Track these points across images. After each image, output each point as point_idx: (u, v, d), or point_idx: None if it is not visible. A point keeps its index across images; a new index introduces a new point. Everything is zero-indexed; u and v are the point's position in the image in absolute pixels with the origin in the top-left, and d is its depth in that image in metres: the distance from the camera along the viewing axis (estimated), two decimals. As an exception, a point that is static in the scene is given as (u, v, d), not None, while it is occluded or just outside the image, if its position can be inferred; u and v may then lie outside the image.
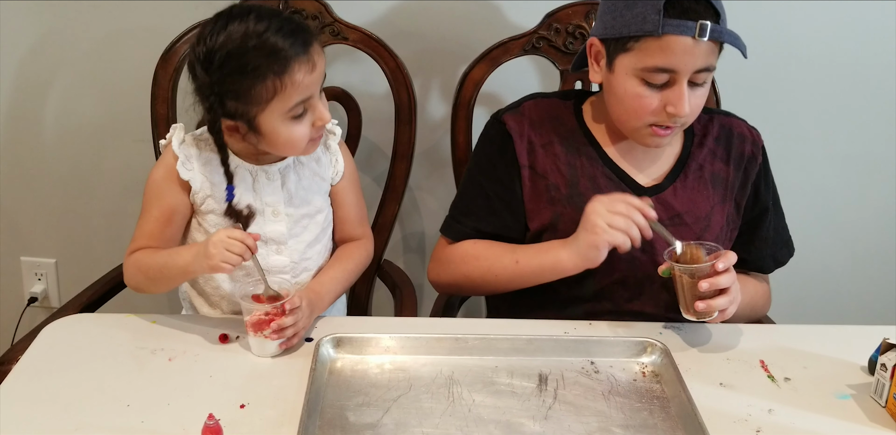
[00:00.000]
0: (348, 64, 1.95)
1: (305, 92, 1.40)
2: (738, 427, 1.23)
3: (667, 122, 1.43)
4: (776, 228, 1.62)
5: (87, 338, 1.40)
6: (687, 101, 1.40)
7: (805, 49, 1.97)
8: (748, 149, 1.57)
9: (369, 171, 2.06)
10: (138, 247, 1.49)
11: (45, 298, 2.34)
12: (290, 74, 1.36)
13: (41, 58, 2.07)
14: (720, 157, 1.56)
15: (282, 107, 1.39)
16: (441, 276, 1.61)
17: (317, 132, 1.46)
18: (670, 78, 1.40)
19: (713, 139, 1.56)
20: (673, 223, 1.51)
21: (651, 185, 1.53)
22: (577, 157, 1.53)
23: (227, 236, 1.34)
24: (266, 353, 1.36)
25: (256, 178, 1.51)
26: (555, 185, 1.53)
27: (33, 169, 2.20)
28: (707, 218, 1.52)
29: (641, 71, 1.40)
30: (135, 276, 1.49)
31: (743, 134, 1.58)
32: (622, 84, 1.43)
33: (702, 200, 1.53)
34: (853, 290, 2.21)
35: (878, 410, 1.28)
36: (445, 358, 1.37)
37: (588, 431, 1.21)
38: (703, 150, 1.56)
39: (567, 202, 1.51)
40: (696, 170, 1.54)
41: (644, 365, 1.37)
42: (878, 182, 2.11)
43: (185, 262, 1.41)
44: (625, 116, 1.46)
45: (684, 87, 1.40)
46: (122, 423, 1.20)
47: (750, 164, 1.56)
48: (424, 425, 1.21)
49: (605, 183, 1.52)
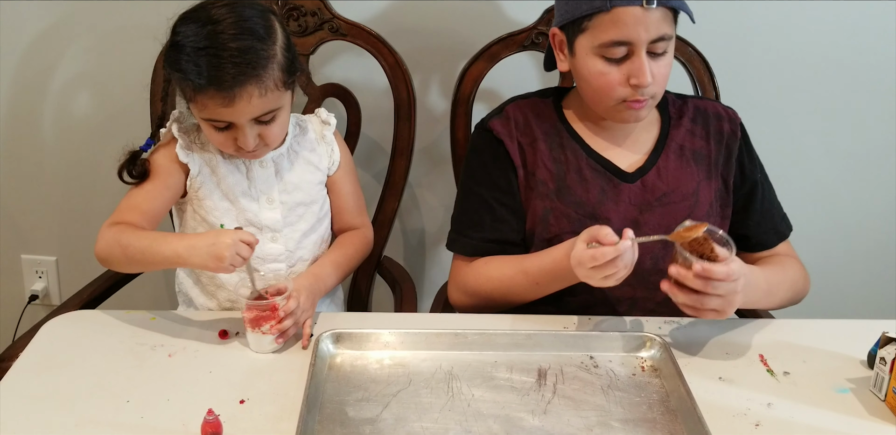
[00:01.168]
0: (347, 60, 1.95)
1: (221, 116, 1.41)
2: (738, 421, 1.23)
3: (635, 95, 1.45)
4: (770, 202, 1.63)
5: (87, 334, 1.41)
6: (648, 70, 1.41)
7: (805, 45, 1.97)
8: (726, 126, 1.58)
9: (369, 167, 2.06)
10: (121, 219, 1.48)
11: (45, 296, 2.34)
12: (203, 96, 1.39)
13: (40, 56, 2.07)
14: (699, 135, 1.57)
15: (198, 112, 1.43)
16: (462, 299, 1.59)
17: (243, 152, 1.47)
18: (628, 50, 1.41)
19: (689, 120, 1.58)
20: (661, 203, 1.53)
21: (635, 169, 1.55)
22: (561, 152, 1.55)
23: (240, 240, 1.34)
24: (263, 349, 1.37)
25: (250, 167, 1.54)
26: (542, 180, 1.54)
27: (33, 167, 2.20)
28: (695, 195, 1.54)
29: (599, 48, 1.42)
30: (111, 249, 1.45)
31: (719, 113, 1.59)
32: (585, 65, 1.45)
33: (686, 178, 1.54)
34: (852, 284, 2.21)
35: (878, 403, 1.28)
36: (445, 353, 1.37)
37: (587, 425, 1.22)
38: (680, 130, 1.57)
39: (555, 196, 1.53)
40: (677, 149, 1.56)
41: (643, 359, 1.37)
42: (878, 177, 2.10)
43: (175, 252, 1.37)
44: (595, 97, 1.48)
45: (643, 58, 1.41)
46: (121, 418, 1.20)
47: (730, 140, 1.58)
48: (424, 420, 1.22)
49: (590, 174, 1.53)
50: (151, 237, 1.43)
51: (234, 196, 1.54)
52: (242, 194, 1.54)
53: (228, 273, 1.37)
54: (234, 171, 1.54)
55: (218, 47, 1.37)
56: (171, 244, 1.39)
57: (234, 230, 1.37)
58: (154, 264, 1.44)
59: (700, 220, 1.46)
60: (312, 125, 1.63)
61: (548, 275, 1.47)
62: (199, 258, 1.35)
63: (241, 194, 1.54)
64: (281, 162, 1.57)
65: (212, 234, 1.40)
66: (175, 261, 1.39)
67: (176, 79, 1.42)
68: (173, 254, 1.37)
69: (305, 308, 1.41)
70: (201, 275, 1.60)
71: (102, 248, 1.46)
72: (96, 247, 1.46)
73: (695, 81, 1.79)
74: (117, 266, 1.48)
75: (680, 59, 1.78)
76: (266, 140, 1.46)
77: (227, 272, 1.36)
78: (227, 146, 1.47)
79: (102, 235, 1.46)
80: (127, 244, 1.43)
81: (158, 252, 1.40)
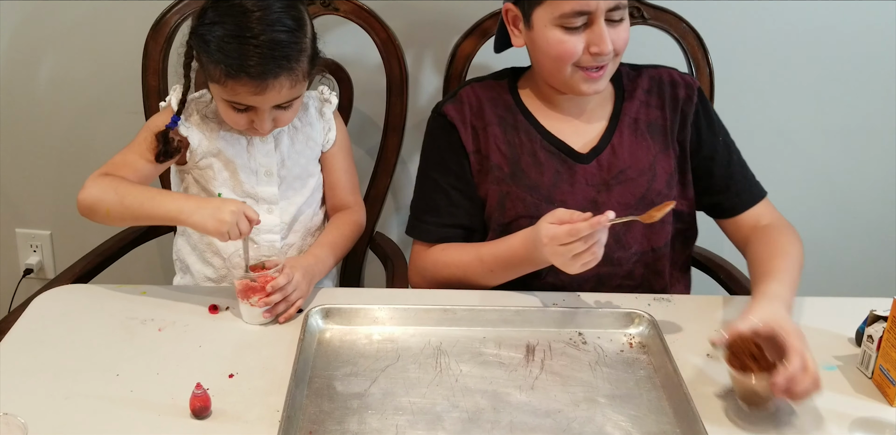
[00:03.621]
0: (340, 35, 1.94)
1: (247, 102, 1.44)
2: (724, 398, 1.23)
3: (592, 62, 1.45)
4: (737, 165, 1.60)
5: (78, 308, 1.41)
6: (608, 38, 1.43)
7: (800, 21, 1.96)
8: (681, 92, 1.57)
9: (361, 143, 2.06)
10: (113, 172, 1.49)
11: (40, 270, 2.35)
12: (235, 81, 1.41)
13: (32, 31, 2.06)
14: (654, 105, 1.57)
15: (224, 94, 1.45)
16: (420, 284, 1.61)
17: (254, 131, 1.50)
18: (588, 19, 1.42)
19: (643, 91, 1.58)
20: (618, 181, 1.53)
21: (589, 149, 1.55)
22: (515, 135, 1.55)
23: (244, 213, 1.36)
24: (254, 320, 1.38)
25: (251, 141, 1.57)
26: (497, 165, 1.54)
27: (27, 142, 2.20)
28: (651, 169, 1.54)
29: (559, 18, 1.42)
30: (104, 195, 1.45)
31: (674, 80, 1.59)
32: (544, 36, 1.45)
33: (642, 152, 1.54)
34: (842, 262, 2.22)
35: (865, 381, 1.29)
36: (433, 329, 1.38)
37: (574, 400, 1.22)
38: (633, 102, 1.57)
39: (510, 180, 1.53)
40: (631, 124, 1.56)
41: (631, 336, 1.38)
42: (872, 156, 2.10)
43: (179, 208, 1.39)
44: (553, 66, 1.48)
45: (603, 26, 1.42)
46: (111, 392, 1.21)
47: (685, 105, 1.57)
48: (411, 395, 1.22)
49: (544, 156, 1.54)
50: (155, 191, 1.46)
51: (234, 168, 1.57)
52: (242, 167, 1.56)
53: (223, 240, 1.38)
54: (234, 143, 1.57)
55: (255, 37, 1.39)
56: (176, 200, 1.42)
57: (244, 204, 1.39)
58: (149, 218, 1.44)
59: (659, 191, 1.52)
60: (313, 101, 1.65)
61: (502, 263, 1.47)
62: (201, 217, 1.36)
63: (240, 167, 1.56)
64: (281, 137, 1.59)
65: (218, 200, 1.44)
66: (175, 216, 1.40)
67: (206, 61, 1.43)
68: (176, 209, 1.39)
69: (300, 287, 1.41)
70: (199, 242, 1.62)
71: (92, 194, 1.45)
72: (82, 193, 1.46)
73: (688, 58, 1.78)
74: (103, 215, 1.46)
75: (673, 34, 1.78)
76: (278, 123, 1.50)
77: (222, 239, 1.37)
78: (240, 125, 1.50)
79: (93, 182, 1.47)
80: (125, 193, 1.44)
81: (161, 205, 1.41)
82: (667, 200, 1.38)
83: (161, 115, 1.58)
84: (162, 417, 1.16)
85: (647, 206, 1.49)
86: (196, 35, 1.44)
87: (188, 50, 1.47)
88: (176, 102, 1.55)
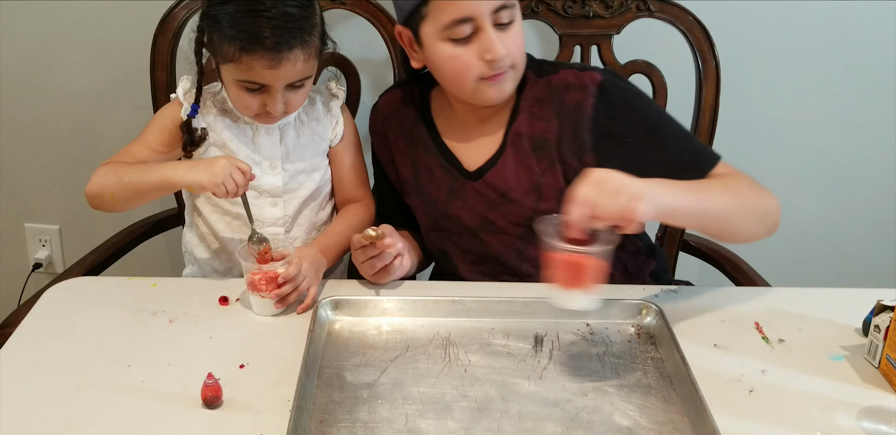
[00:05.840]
0: (347, 30, 1.94)
1: (261, 79, 1.45)
2: (732, 387, 1.24)
3: (492, 70, 1.41)
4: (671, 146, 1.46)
5: (89, 300, 1.42)
6: (499, 42, 1.38)
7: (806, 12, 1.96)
8: (571, 97, 1.47)
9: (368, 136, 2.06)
10: (117, 161, 1.53)
11: (49, 264, 2.36)
12: (250, 57, 1.41)
13: (40, 26, 2.06)
14: (542, 116, 1.49)
15: (236, 74, 1.45)
16: None
17: (266, 113, 1.51)
18: (474, 27, 1.37)
19: (533, 101, 1.49)
20: (505, 200, 1.50)
21: (476, 167, 1.53)
22: (416, 149, 1.56)
23: (235, 165, 1.40)
24: (264, 312, 1.39)
25: (256, 133, 1.58)
26: (405, 178, 1.58)
27: (36, 137, 2.21)
28: (536, 189, 1.49)
29: (444, 30, 1.38)
30: (106, 180, 1.48)
31: (567, 83, 1.48)
32: (435, 52, 1.41)
33: (524, 174, 1.49)
34: (848, 253, 2.22)
35: (871, 370, 1.29)
36: (442, 320, 1.38)
37: (582, 390, 1.23)
38: (522, 117, 1.50)
39: (415, 194, 1.56)
40: (516, 141, 1.50)
41: (639, 327, 1.38)
42: (877, 148, 2.10)
43: (173, 169, 1.43)
44: (455, 83, 1.45)
45: (490, 32, 1.37)
46: (123, 382, 1.22)
47: (576, 113, 1.46)
48: (421, 385, 1.23)
49: (439, 172, 1.54)
50: (150, 164, 1.50)
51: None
52: (246, 159, 1.56)
53: (220, 194, 1.40)
54: (239, 135, 1.58)
55: (268, 10, 1.40)
56: (168, 165, 1.46)
57: (232, 157, 1.43)
58: (149, 188, 1.46)
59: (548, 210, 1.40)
60: (321, 96, 1.65)
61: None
62: (195, 174, 1.40)
63: (244, 158, 1.56)
64: (286, 130, 1.60)
65: (208, 159, 1.49)
66: (170, 179, 1.43)
67: (219, 39, 1.43)
68: (170, 172, 1.43)
69: (308, 276, 1.42)
70: (207, 234, 1.64)
71: (96, 182, 1.49)
72: (88, 185, 1.50)
73: (695, 51, 1.78)
74: (109, 200, 1.49)
75: (680, 28, 1.78)
76: (289, 106, 1.51)
77: (218, 191, 1.40)
78: (251, 109, 1.50)
79: (97, 172, 1.51)
80: (123, 173, 1.48)
81: (156, 172, 1.45)
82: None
83: (168, 108, 1.59)
84: (174, 407, 1.17)
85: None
86: (207, 16, 1.45)
87: (199, 35, 1.48)
88: (183, 93, 1.56)
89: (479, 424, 1.16)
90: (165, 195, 1.57)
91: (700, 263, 1.85)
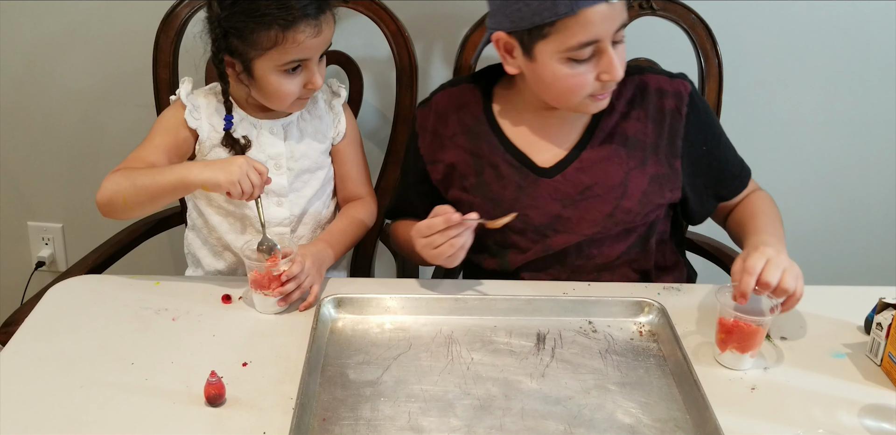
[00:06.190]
0: (349, 27, 1.94)
1: (304, 53, 1.44)
2: (734, 385, 1.25)
3: (604, 90, 1.42)
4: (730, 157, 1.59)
5: (92, 298, 1.43)
6: (618, 65, 1.38)
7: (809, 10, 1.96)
8: (669, 103, 1.51)
9: (371, 135, 2.07)
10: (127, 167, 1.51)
11: (52, 263, 2.36)
12: (294, 31, 1.42)
13: (44, 24, 2.07)
14: (635, 117, 1.51)
15: (278, 58, 1.44)
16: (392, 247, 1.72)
17: (306, 93, 1.51)
18: (596, 48, 1.36)
19: (625, 102, 1.51)
20: (584, 196, 1.50)
21: (553, 163, 1.51)
22: (479, 146, 1.54)
23: (252, 165, 1.39)
24: (267, 310, 1.39)
25: (260, 132, 1.57)
26: (462, 174, 1.55)
27: (38, 136, 2.21)
28: (622, 185, 1.49)
29: (566, 51, 1.36)
30: (118, 186, 1.45)
31: (662, 89, 1.51)
32: (549, 69, 1.39)
33: (613, 168, 1.50)
34: (850, 250, 2.22)
35: (874, 368, 1.29)
36: (445, 318, 1.39)
37: (584, 388, 1.23)
38: (613, 115, 1.51)
39: (476, 191, 1.54)
40: (605, 137, 1.51)
41: (641, 325, 1.38)
42: (879, 145, 2.10)
43: (188, 168, 1.41)
44: (562, 97, 1.44)
45: (612, 54, 1.37)
46: (126, 380, 1.22)
47: (674, 119, 1.51)
48: (423, 383, 1.23)
49: (506, 170, 1.52)
50: (162, 166, 1.50)
51: None
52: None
53: (236, 194, 1.38)
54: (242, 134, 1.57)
55: None
56: (183, 165, 1.45)
57: (249, 158, 1.42)
58: (163, 190, 1.44)
59: (629, 210, 1.49)
60: (322, 94, 1.65)
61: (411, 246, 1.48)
62: (211, 172, 1.38)
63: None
64: (290, 129, 1.60)
65: (225, 158, 1.48)
66: (185, 178, 1.40)
67: (249, 35, 1.42)
68: (185, 172, 1.41)
69: (311, 273, 1.42)
70: (209, 236, 1.64)
71: (107, 189, 1.47)
72: (99, 193, 1.47)
73: (697, 49, 1.78)
74: (122, 206, 1.47)
75: (683, 25, 1.78)
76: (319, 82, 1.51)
77: (234, 191, 1.38)
78: (293, 94, 1.50)
79: (107, 179, 1.48)
80: (136, 177, 1.45)
81: (170, 173, 1.43)
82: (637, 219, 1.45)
83: (171, 110, 1.59)
84: (177, 405, 1.17)
85: (616, 223, 1.50)
86: (224, 18, 1.43)
87: (216, 44, 1.46)
88: (185, 94, 1.56)
89: (481, 422, 1.16)
90: (179, 197, 1.57)
91: (703, 260, 1.85)
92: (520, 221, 1.47)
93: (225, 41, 1.46)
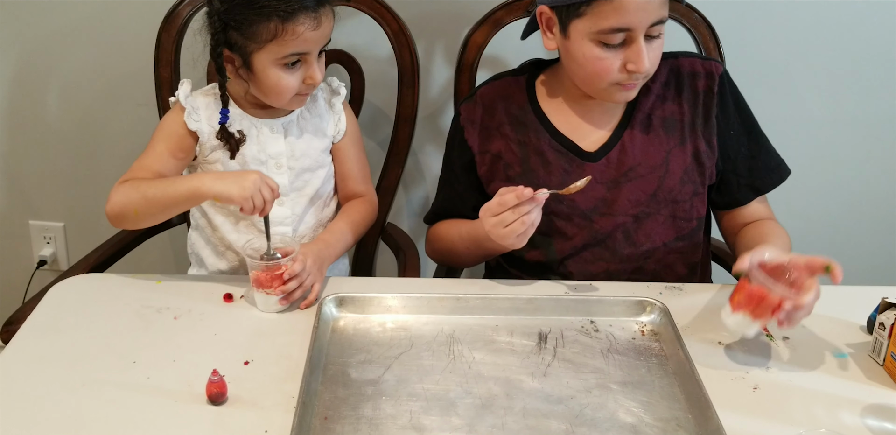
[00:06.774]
0: (351, 26, 1.94)
1: (304, 46, 1.45)
2: (736, 384, 1.24)
3: (629, 80, 1.44)
4: (759, 149, 1.59)
5: (94, 297, 1.43)
6: (646, 57, 1.40)
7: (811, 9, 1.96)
8: (702, 84, 1.55)
9: (373, 134, 2.07)
10: (133, 178, 1.51)
11: (54, 262, 2.36)
12: (294, 23, 1.42)
13: (45, 23, 2.07)
14: (670, 99, 1.55)
15: (277, 51, 1.44)
16: (431, 255, 1.72)
17: (305, 89, 1.51)
18: (627, 36, 1.39)
19: (661, 85, 1.55)
20: (628, 178, 1.52)
21: (598, 147, 1.54)
22: (525, 134, 1.56)
23: (265, 181, 1.39)
24: (269, 309, 1.39)
25: (260, 131, 1.57)
26: (509, 164, 1.56)
27: (40, 134, 2.21)
28: (664, 165, 1.53)
29: (597, 34, 1.39)
30: (128, 198, 1.47)
31: (695, 71, 1.56)
32: (580, 49, 1.43)
33: (654, 148, 1.53)
34: (853, 250, 2.22)
35: (876, 368, 1.29)
36: (446, 317, 1.38)
37: (586, 387, 1.23)
38: (649, 97, 1.55)
39: (521, 179, 1.53)
40: (644, 119, 1.54)
41: (643, 324, 1.38)
42: (882, 143, 2.10)
43: (201, 180, 1.42)
44: (588, 80, 1.47)
45: (642, 45, 1.39)
46: (127, 379, 1.22)
47: (707, 98, 1.55)
48: (425, 382, 1.23)
49: (552, 156, 1.54)
50: (173, 177, 1.51)
51: (244, 160, 1.57)
52: (252, 159, 1.57)
53: (247, 209, 1.39)
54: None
55: None
56: (195, 177, 1.46)
57: (263, 174, 1.41)
58: (175, 202, 1.45)
59: (672, 188, 1.51)
60: (322, 93, 1.65)
61: (472, 239, 1.51)
62: (224, 185, 1.39)
63: (250, 159, 1.57)
64: (290, 128, 1.60)
65: (237, 171, 1.48)
66: (198, 189, 1.41)
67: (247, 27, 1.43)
68: (197, 183, 1.42)
69: (312, 272, 1.42)
70: (212, 236, 1.63)
71: (117, 201, 1.48)
72: (108, 205, 1.48)
73: (700, 48, 1.78)
74: (133, 217, 1.48)
75: (686, 25, 1.78)
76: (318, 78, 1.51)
77: (246, 206, 1.38)
78: (292, 89, 1.49)
79: (116, 190, 1.49)
80: (146, 188, 1.46)
81: (182, 184, 1.44)
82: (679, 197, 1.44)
83: (171, 114, 1.57)
84: (178, 404, 1.17)
85: (658, 203, 1.51)
86: (223, 12, 1.44)
87: (215, 38, 1.47)
88: (184, 96, 1.55)
89: (483, 421, 1.16)
90: (191, 207, 1.57)
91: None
92: (566, 206, 1.50)
93: (224, 34, 1.46)
